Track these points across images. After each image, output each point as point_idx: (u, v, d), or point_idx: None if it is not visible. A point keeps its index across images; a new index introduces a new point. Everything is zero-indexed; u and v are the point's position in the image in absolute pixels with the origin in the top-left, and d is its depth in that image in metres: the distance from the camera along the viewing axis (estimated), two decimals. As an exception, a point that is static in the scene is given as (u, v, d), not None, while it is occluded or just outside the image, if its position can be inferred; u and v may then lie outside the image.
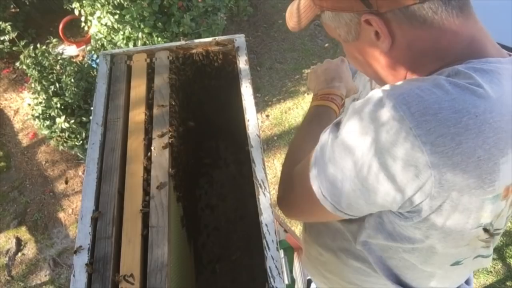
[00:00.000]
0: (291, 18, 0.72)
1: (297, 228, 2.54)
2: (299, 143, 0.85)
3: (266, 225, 0.81)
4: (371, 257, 0.76)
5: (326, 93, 0.92)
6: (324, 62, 1.02)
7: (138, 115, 1.01)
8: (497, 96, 0.54)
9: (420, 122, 0.51)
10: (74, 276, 0.78)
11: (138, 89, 1.06)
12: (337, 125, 0.63)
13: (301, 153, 0.78)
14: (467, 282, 0.90)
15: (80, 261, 0.80)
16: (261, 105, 3.13)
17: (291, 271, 1.73)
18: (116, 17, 2.45)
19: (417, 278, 0.77)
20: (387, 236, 0.68)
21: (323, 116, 0.88)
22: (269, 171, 2.80)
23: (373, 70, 0.70)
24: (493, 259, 2.31)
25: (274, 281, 0.75)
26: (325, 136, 0.65)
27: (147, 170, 0.93)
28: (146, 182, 0.91)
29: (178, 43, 1.13)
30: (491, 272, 2.27)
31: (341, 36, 0.68)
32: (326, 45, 3.42)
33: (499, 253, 2.33)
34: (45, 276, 2.51)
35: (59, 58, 2.38)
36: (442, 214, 0.57)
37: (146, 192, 0.90)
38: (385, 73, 0.68)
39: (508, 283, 2.26)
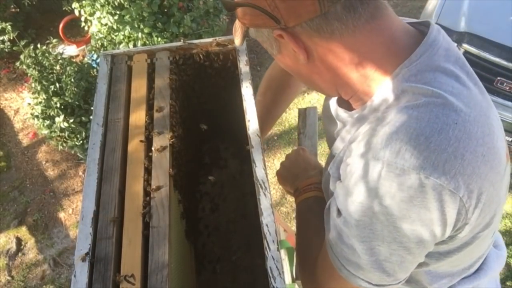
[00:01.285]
0: (234, 34, 0.73)
1: (297, 228, 2.54)
2: (306, 240, 0.84)
3: (267, 225, 0.81)
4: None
5: (307, 185, 0.92)
6: (285, 160, 1.03)
7: (138, 116, 1.01)
8: (450, 90, 0.57)
9: (421, 163, 0.52)
10: (75, 276, 0.78)
11: (139, 89, 1.06)
12: (339, 213, 0.63)
13: (312, 250, 0.78)
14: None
15: (81, 261, 0.80)
16: (261, 105, 3.13)
17: (291, 270, 1.73)
18: (116, 17, 2.45)
19: (463, 262, 0.77)
20: (437, 259, 0.68)
21: (315, 206, 0.87)
22: (269, 171, 2.80)
23: (303, 79, 0.72)
24: (493, 259, 2.31)
25: (275, 282, 0.75)
26: (336, 232, 0.64)
27: (148, 171, 0.93)
28: (147, 182, 0.91)
29: (178, 44, 1.13)
30: (491, 272, 2.27)
31: (268, 49, 0.69)
32: None
33: (499, 253, 2.33)
34: (45, 275, 2.51)
35: (59, 58, 2.39)
36: (481, 216, 0.59)
37: (147, 192, 0.90)
38: (315, 82, 0.69)
39: (508, 283, 2.26)
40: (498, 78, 2.42)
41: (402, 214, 0.54)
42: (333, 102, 0.82)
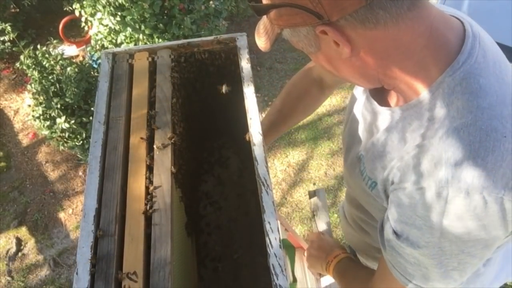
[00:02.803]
0: (259, 39, 0.72)
1: (297, 227, 2.54)
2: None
3: (269, 222, 0.81)
4: None
5: (335, 254, 1.07)
6: (310, 247, 1.17)
7: (140, 114, 1.01)
8: (494, 99, 0.58)
9: (483, 183, 0.55)
10: (77, 274, 0.78)
11: (140, 87, 1.06)
12: (398, 236, 0.66)
13: None
14: None
15: (84, 259, 0.80)
16: (261, 105, 3.13)
17: (292, 270, 1.73)
18: (118, 18, 2.45)
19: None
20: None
21: (351, 263, 1.02)
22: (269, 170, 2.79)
23: (343, 74, 0.72)
24: (494, 258, 2.31)
25: (278, 279, 0.75)
26: (395, 252, 0.68)
27: (150, 168, 0.93)
28: (149, 180, 0.91)
29: (180, 42, 1.13)
30: (491, 271, 2.27)
31: (305, 49, 0.68)
32: None
33: (500, 252, 2.33)
34: (45, 276, 2.50)
35: (59, 58, 2.38)
36: None
37: (149, 190, 0.90)
38: (357, 76, 0.70)
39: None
40: (498, 78, 2.43)
41: (470, 230, 0.58)
42: (362, 93, 0.83)
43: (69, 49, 3.39)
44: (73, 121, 2.34)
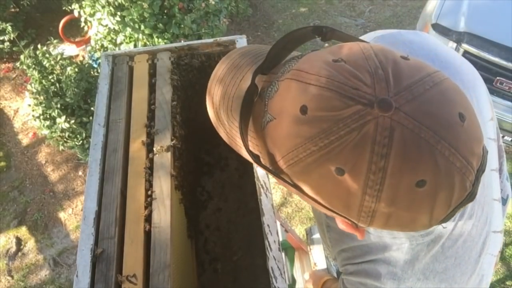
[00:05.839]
0: (237, 149, 0.58)
1: (297, 227, 2.55)
2: None
3: (268, 225, 0.81)
4: None
5: (323, 280, 1.21)
6: (308, 279, 1.31)
7: (140, 116, 1.02)
8: (446, 266, 0.60)
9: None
10: (77, 276, 0.79)
11: (140, 90, 1.06)
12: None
13: None
14: None
15: (83, 261, 0.80)
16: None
17: (292, 271, 1.73)
18: (117, 18, 2.45)
19: None
20: None
21: (332, 279, 1.19)
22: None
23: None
24: (493, 258, 2.32)
25: (276, 281, 0.75)
26: None
27: (149, 171, 0.93)
28: (148, 182, 0.92)
29: (179, 44, 1.13)
30: (490, 271, 2.28)
31: (303, 199, 0.53)
32: (326, 45, 3.43)
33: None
34: (45, 275, 2.51)
35: (59, 58, 2.39)
36: None
37: (149, 192, 0.90)
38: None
39: (508, 283, 2.27)
40: (498, 78, 2.43)
41: None
42: None
43: (69, 49, 3.39)
44: (73, 121, 2.34)
